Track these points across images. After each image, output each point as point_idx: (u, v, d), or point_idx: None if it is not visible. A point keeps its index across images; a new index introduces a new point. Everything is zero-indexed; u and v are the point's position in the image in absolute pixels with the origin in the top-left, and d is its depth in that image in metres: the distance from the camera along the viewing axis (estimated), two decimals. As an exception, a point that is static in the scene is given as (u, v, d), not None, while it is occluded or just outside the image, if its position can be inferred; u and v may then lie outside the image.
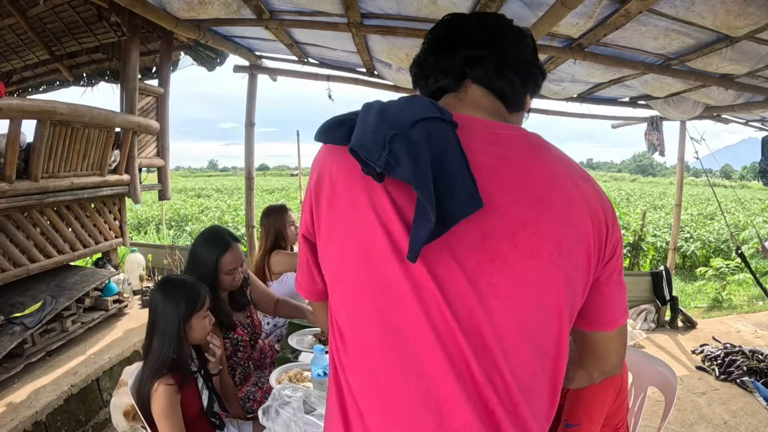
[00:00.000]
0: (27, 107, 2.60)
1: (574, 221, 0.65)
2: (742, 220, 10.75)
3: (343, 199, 0.66)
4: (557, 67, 3.04)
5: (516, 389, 0.64)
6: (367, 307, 0.65)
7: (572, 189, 0.66)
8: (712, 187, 5.45)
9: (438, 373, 0.63)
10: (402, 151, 0.56)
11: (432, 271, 0.61)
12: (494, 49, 0.72)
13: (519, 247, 0.62)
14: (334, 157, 0.67)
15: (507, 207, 0.63)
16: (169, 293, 1.50)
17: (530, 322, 0.64)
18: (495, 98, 0.73)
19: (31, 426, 2.15)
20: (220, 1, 2.38)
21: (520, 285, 0.62)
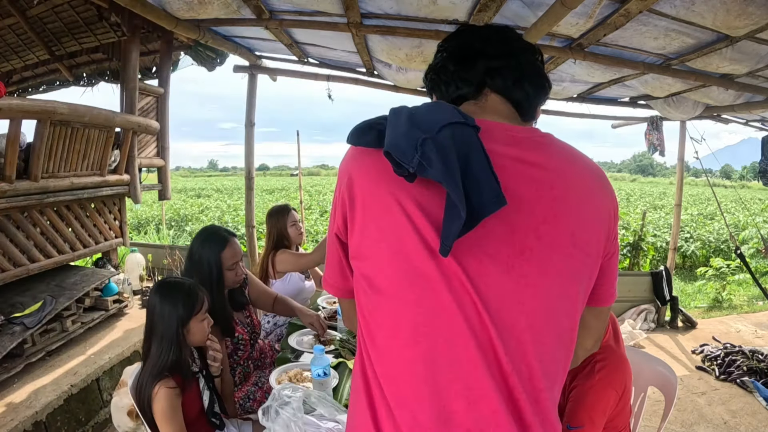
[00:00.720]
0: (27, 107, 2.60)
1: (586, 216, 0.72)
2: (742, 220, 10.75)
3: (374, 199, 0.70)
4: (557, 67, 3.04)
5: (540, 376, 0.69)
6: (402, 301, 0.68)
7: (584, 185, 0.73)
8: (712, 187, 5.45)
9: (469, 362, 0.66)
10: (433, 152, 0.61)
11: (463, 265, 0.66)
12: (512, 61, 0.78)
13: (542, 240, 0.68)
14: (365, 160, 0.71)
15: (529, 204, 0.68)
16: (167, 296, 1.49)
17: (556, 310, 0.70)
18: (512, 107, 0.79)
19: (31, 426, 2.15)
20: (220, 1, 2.38)
21: (546, 275, 0.68)
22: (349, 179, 0.72)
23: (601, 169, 0.78)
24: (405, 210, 0.67)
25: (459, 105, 0.78)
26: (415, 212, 0.66)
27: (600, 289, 0.81)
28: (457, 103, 0.78)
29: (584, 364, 1.39)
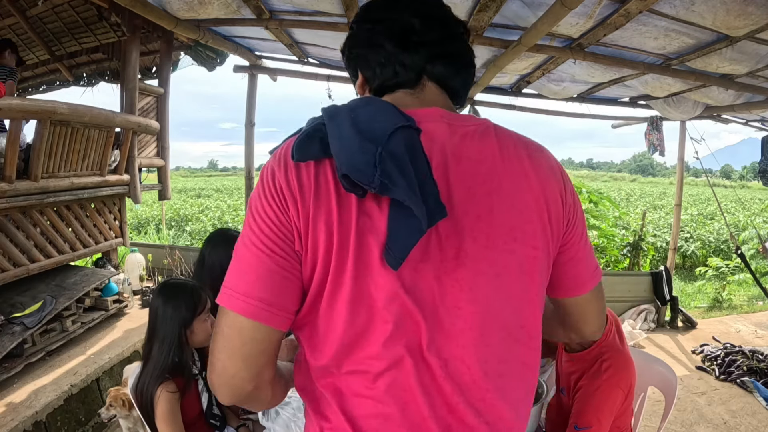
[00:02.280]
0: (27, 107, 2.60)
1: (525, 205, 0.68)
2: (742, 220, 10.75)
3: (321, 212, 0.63)
4: (557, 67, 3.05)
5: (483, 377, 0.67)
6: (340, 316, 0.65)
7: (523, 174, 0.68)
8: (711, 187, 5.45)
9: (402, 368, 0.65)
10: (392, 168, 0.58)
11: (400, 276, 0.63)
12: (453, 47, 0.74)
13: (477, 240, 0.65)
14: (303, 170, 0.64)
15: (463, 203, 0.65)
16: (170, 298, 1.49)
17: (498, 310, 0.67)
18: (447, 96, 0.75)
19: (31, 426, 2.15)
20: (220, 1, 2.38)
21: (483, 275, 0.66)
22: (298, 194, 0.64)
23: (548, 152, 0.74)
24: (350, 222, 0.62)
25: (392, 93, 0.73)
26: (357, 223, 0.62)
27: (579, 277, 0.77)
28: (390, 90, 0.73)
29: (590, 365, 1.39)
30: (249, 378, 0.64)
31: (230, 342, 0.63)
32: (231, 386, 0.64)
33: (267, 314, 0.62)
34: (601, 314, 0.85)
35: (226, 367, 0.63)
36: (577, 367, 1.43)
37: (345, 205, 0.62)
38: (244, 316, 0.62)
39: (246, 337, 0.63)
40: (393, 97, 0.73)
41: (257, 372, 0.65)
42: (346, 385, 0.67)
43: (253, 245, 0.64)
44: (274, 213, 0.63)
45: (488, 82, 3.47)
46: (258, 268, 0.63)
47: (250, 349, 0.63)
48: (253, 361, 0.64)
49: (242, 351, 0.63)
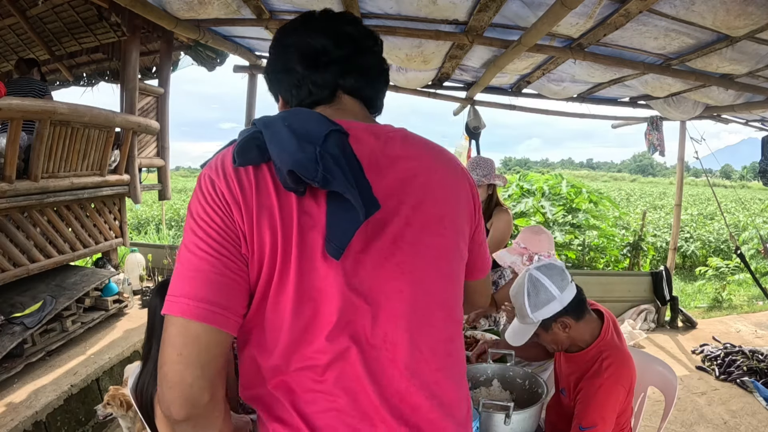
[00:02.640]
0: (27, 107, 2.60)
1: (449, 197, 0.77)
2: (742, 221, 10.74)
3: (264, 212, 0.66)
4: (557, 67, 3.05)
5: (432, 358, 0.72)
6: (286, 311, 0.66)
7: (445, 171, 0.78)
8: (711, 187, 5.45)
9: (349, 359, 0.67)
10: (331, 164, 0.63)
11: (343, 266, 0.67)
12: (362, 60, 0.79)
13: (413, 226, 0.72)
14: (243, 175, 0.67)
15: (397, 195, 0.72)
16: None
17: (437, 291, 0.74)
18: (363, 105, 0.81)
19: (31, 426, 2.15)
20: (220, 1, 2.38)
21: (422, 257, 0.72)
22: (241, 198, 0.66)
23: (453, 154, 0.84)
24: (291, 218, 0.66)
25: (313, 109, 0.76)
26: (298, 218, 0.66)
27: (478, 262, 0.90)
28: (311, 108, 0.77)
29: (590, 364, 1.39)
30: (207, 386, 0.63)
31: (186, 350, 0.61)
32: (188, 397, 0.61)
33: (222, 318, 0.63)
34: (489, 291, 1.04)
35: (183, 377, 0.61)
36: (576, 368, 1.43)
37: (285, 206, 0.66)
38: (198, 321, 0.61)
39: (203, 343, 0.62)
40: None
41: (213, 380, 0.64)
42: (296, 383, 0.68)
43: (200, 250, 0.64)
44: (220, 218, 0.65)
45: (488, 82, 3.47)
46: (207, 272, 0.63)
47: (206, 355, 0.62)
48: (210, 367, 0.63)
49: (200, 358, 0.62)
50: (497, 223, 2.49)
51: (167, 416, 0.63)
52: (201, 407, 0.63)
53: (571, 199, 6.29)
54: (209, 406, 0.64)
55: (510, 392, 1.53)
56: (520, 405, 1.37)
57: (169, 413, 0.63)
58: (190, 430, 0.65)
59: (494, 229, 2.48)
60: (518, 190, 6.57)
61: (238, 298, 0.65)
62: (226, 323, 0.63)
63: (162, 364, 0.63)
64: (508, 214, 2.53)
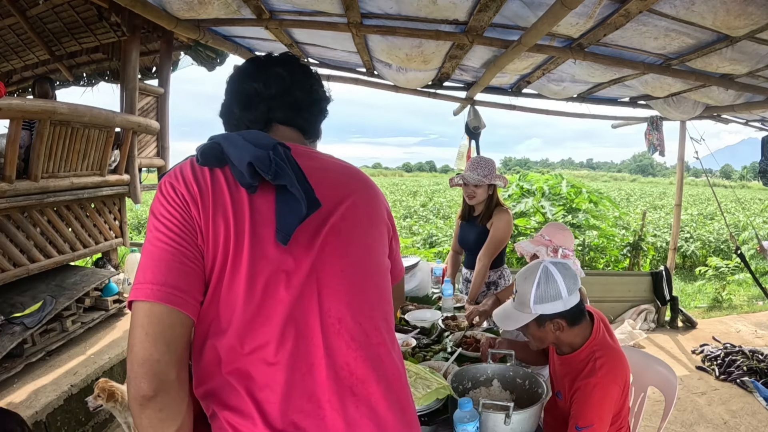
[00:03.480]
0: (27, 107, 2.60)
1: (372, 203, 0.94)
2: (742, 221, 10.74)
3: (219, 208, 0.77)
4: (557, 67, 3.04)
5: (374, 331, 0.84)
6: (239, 296, 0.75)
7: (365, 183, 0.96)
8: (711, 187, 5.45)
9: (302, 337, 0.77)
10: (280, 164, 0.77)
11: (292, 253, 0.79)
12: (289, 98, 0.94)
13: (347, 220, 0.87)
14: (200, 178, 0.79)
15: (333, 198, 0.87)
16: None
17: (371, 272, 0.88)
18: (297, 131, 0.97)
19: (31, 426, 2.15)
20: (220, 1, 2.38)
21: (356, 245, 0.87)
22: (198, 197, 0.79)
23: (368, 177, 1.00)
24: (244, 211, 0.78)
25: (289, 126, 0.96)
26: (250, 211, 0.78)
27: (398, 269, 1.04)
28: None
29: (583, 365, 1.39)
30: (173, 363, 0.70)
31: (152, 329, 0.69)
32: (156, 372, 0.68)
33: (181, 300, 0.72)
34: (402, 296, 1.20)
35: (151, 353, 0.68)
36: (570, 369, 1.43)
37: (238, 203, 0.78)
38: (161, 302, 0.70)
39: (166, 323, 0.70)
40: None
41: (179, 359, 0.71)
42: (252, 365, 0.75)
43: (161, 242, 0.74)
44: (179, 214, 0.76)
45: (488, 82, 3.47)
46: (168, 260, 0.73)
47: (171, 333, 0.70)
48: (175, 345, 0.71)
49: (164, 336, 0.70)
50: (497, 223, 2.49)
51: (137, 395, 0.68)
52: (168, 383, 0.69)
53: (571, 199, 6.29)
54: (176, 384, 0.70)
55: (510, 392, 1.53)
56: (520, 405, 1.37)
57: (138, 390, 0.68)
58: (158, 410, 0.69)
59: (494, 229, 2.48)
60: (518, 190, 6.56)
61: (195, 283, 0.75)
62: (185, 305, 0.72)
63: (131, 345, 0.70)
64: (508, 214, 2.53)
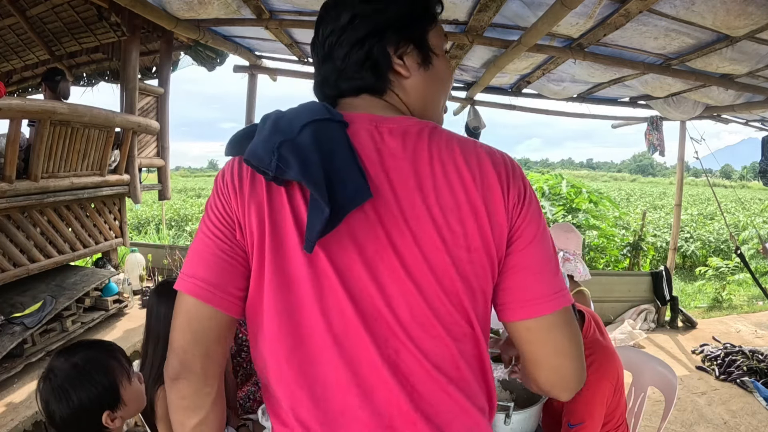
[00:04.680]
0: (27, 107, 2.60)
1: (453, 205, 0.66)
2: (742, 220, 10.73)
3: (253, 202, 0.68)
4: (557, 67, 3.05)
5: (436, 373, 0.66)
6: (271, 304, 0.67)
7: (451, 171, 0.67)
8: (711, 187, 5.45)
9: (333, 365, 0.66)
10: (289, 154, 0.63)
11: (333, 262, 0.65)
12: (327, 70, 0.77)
13: (404, 235, 0.66)
14: (244, 168, 0.70)
15: (393, 196, 0.66)
16: (163, 297, 1.47)
17: (436, 306, 0.66)
18: (367, 96, 0.75)
19: (31, 426, 2.15)
20: (220, 1, 2.38)
21: (414, 271, 0.66)
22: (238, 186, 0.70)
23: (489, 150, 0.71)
24: (280, 210, 0.67)
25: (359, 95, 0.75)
26: (288, 211, 0.67)
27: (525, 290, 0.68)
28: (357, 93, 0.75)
29: None
30: (198, 355, 0.68)
31: (180, 318, 0.69)
32: (181, 360, 0.68)
33: (209, 294, 0.67)
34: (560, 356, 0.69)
35: (179, 342, 0.69)
36: None
37: (276, 200, 0.67)
38: (189, 295, 0.68)
39: (192, 314, 0.68)
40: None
41: (206, 351, 0.68)
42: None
43: (202, 233, 0.70)
44: (221, 204, 0.69)
45: (488, 82, 3.47)
46: (203, 252, 0.69)
47: (198, 325, 0.68)
48: (202, 337, 0.68)
49: (190, 327, 0.68)
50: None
51: (166, 373, 0.70)
52: (192, 373, 0.68)
53: (571, 199, 6.29)
54: (200, 376, 0.69)
55: (510, 392, 1.53)
56: (520, 405, 1.37)
57: (166, 369, 0.70)
58: (180, 397, 0.69)
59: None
60: (518, 190, 6.55)
61: (232, 278, 0.68)
62: (213, 299, 0.67)
63: (170, 331, 0.71)
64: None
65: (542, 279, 0.69)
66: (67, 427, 1.07)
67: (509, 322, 0.70)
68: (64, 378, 1.06)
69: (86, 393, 1.06)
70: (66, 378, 1.06)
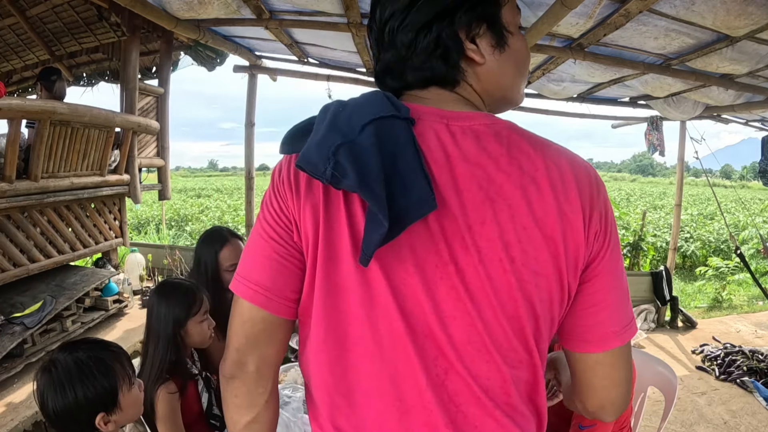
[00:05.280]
0: (27, 107, 2.60)
1: (528, 222, 0.59)
2: (742, 220, 10.74)
3: (308, 203, 0.63)
4: (557, 67, 3.04)
5: (484, 397, 0.62)
6: (320, 310, 0.64)
7: (530, 182, 0.60)
8: (711, 187, 5.45)
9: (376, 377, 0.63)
10: (347, 161, 0.56)
11: (387, 273, 0.60)
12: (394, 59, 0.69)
13: (469, 251, 0.59)
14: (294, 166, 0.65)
15: (460, 206, 0.60)
16: (163, 297, 1.48)
17: (494, 331, 0.61)
18: (438, 89, 0.68)
19: (31, 426, 2.15)
20: (220, 1, 2.38)
21: (475, 291, 0.60)
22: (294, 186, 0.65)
23: (577, 161, 0.63)
24: (336, 216, 0.62)
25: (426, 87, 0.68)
26: (344, 218, 0.61)
27: (582, 327, 0.65)
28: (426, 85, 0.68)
29: None
30: (252, 356, 0.67)
31: (235, 320, 0.68)
32: (234, 360, 0.68)
33: (263, 299, 0.65)
34: (615, 386, 0.68)
35: (235, 343, 0.67)
36: None
37: (333, 203, 0.62)
38: (244, 299, 0.66)
39: (246, 317, 0.67)
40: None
41: (260, 353, 0.68)
42: None
43: (257, 233, 0.67)
44: (278, 204, 0.65)
45: (488, 82, 3.47)
46: (259, 255, 0.66)
47: (251, 328, 0.67)
48: (255, 340, 0.67)
49: (244, 329, 0.67)
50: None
51: (222, 371, 0.70)
52: (245, 373, 0.68)
53: (571, 199, 6.28)
54: (253, 376, 0.68)
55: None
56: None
57: (222, 367, 0.70)
58: (233, 395, 0.69)
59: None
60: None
61: (287, 282, 0.66)
62: (267, 303, 0.65)
63: (228, 331, 0.69)
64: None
65: (615, 314, 0.65)
66: (59, 420, 1.06)
67: (573, 351, 0.68)
68: (64, 371, 1.05)
69: (83, 391, 1.05)
70: (66, 372, 1.05)
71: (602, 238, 0.63)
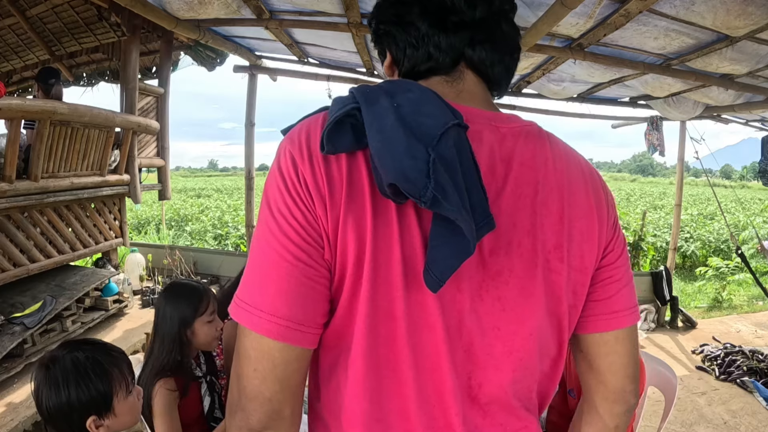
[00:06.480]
0: (27, 107, 2.60)
1: (574, 223, 0.61)
2: (742, 220, 10.73)
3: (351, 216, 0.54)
4: (557, 67, 3.04)
5: (515, 401, 0.63)
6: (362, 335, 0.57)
7: (574, 186, 0.62)
8: (712, 187, 5.45)
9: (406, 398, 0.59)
10: (445, 179, 0.48)
11: (440, 296, 0.55)
12: (498, 30, 0.64)
13: (522, 257, 0.58)
14: (333, 163, 0.55)
15: (509, 215, 0.58)
16: (170, 296, 1.49)
17: (539, 333, 0.61)
18: (485, 87, 0.65)
19: (31, 426, 2.15)
20: (220, 1, 2.38)
21: (526, 296, 0.59)
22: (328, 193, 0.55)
23: (593, 167, 0.68)
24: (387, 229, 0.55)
25: (426, 79, 0.64)
26: (397, 232, 0.55)
27: (600, 306, 0.66)
28: (423, 76, 0.64)
29: None
30: (287, 400, 0.57)
31: (260, 365, 0.55)
32: (268, 411, 0.56)
33: (298, 335, 0.54)
34: (631, 364, 0.69)
35: (261, 391, 0.55)
36: None
37: (381, 211, 0.54)
38: (271, 338, 0.53)
39: (278, 360, 0.55)
40: (427, 83, 0.63)
41: (294, 393, 0.57)
42: None
43: (276, 253, 0.54)
44: (301, 213, 0.54)
45: (488, 82, 3.47)
46: (283, 280, 0.53)
47: (284, 371, 0.55)
48: (289, 382, 0.56)
49: (276, 374, 0.55)
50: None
51: (242, 426, 0.57)
52: (281, 419, 0.57)
53: (571, 199, 6.28)
54: (289, 419, 0.57)
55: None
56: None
57: (245, 423, 0.56)
58: None
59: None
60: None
61: (317, 308, 0.55)
62: (302, 339, 0.55)
63: (239, 375, 0.56)
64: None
65: (625, 293, 0.68)
66: (52, 418, 1.05)
67: (587, 334, 0.68)
68: (61, 370, 1.05)
69: (77, 392, 1.04)
70: (63, 370, 1.05)
71: (614, 231, 0.67)
